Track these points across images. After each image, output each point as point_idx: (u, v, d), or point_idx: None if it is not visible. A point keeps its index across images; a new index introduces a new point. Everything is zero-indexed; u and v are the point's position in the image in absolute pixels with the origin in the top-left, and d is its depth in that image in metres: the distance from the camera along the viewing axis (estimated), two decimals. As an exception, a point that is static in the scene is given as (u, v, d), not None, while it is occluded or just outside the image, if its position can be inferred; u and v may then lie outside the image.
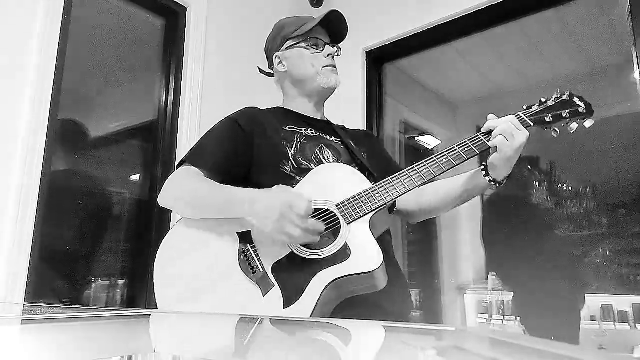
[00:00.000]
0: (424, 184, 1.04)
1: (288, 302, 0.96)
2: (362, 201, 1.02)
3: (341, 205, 1.02)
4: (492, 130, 1.05)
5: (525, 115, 1.08)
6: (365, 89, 2.53)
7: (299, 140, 1.19)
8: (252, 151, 1.16)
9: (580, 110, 1.09)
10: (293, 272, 0.99)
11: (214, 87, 2.23)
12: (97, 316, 0.88)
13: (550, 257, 2.56)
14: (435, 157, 1.05)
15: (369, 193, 1.03)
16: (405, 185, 1.03)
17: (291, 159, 1.14)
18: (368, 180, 1.06)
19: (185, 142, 2.11)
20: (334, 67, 1.27)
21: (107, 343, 0.55)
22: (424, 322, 3.05)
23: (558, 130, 1.09)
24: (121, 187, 2.18)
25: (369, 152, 1.30)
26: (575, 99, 1.10)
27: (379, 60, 2.62)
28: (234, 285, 1.02)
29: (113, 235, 2.11)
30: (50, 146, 1.72)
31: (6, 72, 1.65)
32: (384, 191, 1.03)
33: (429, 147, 3.25)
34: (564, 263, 2.57)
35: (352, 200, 1.02)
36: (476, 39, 2.48)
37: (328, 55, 1.26)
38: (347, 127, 1.39)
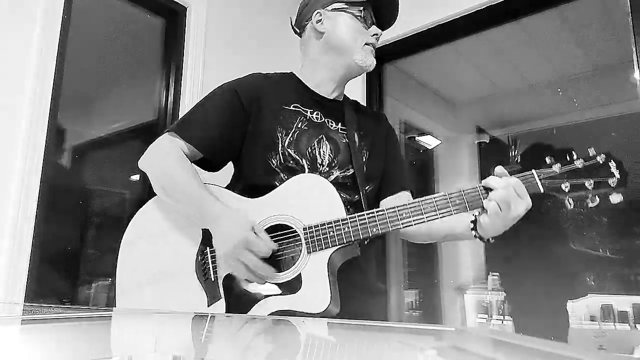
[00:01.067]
0: (399, 229, 0.94)
1: None
2: (329, 232, 0.94)
3: (308, 231, 0.95)
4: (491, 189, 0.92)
5: (539, 176, 0.92)
6: (365, 89, 2.53)
7: (299, 126, 1.10)
8: (246, 130, 1.09)
9: (611, 181, 0.89)
10: (242, 289, 0.96)
11: (214, 87, 2.23)
12: (97, 316, 0.88)
13: (549, 257, 2.56)
14: (421, 202, 0.94)
15: (339, 225, 0.94)
16: (379, 228, 0.94)
17: (280, 152, 1.07)
18: (344, 208, 0.96)
19: (185, 142, 2.11)
20: (374, 48, 1.19)
21: (106, 343, 0.55)
22: (424, 322, 3.05)
23: (572, 203, 0.91)
24: (121, 187, 2.18)
25: (372, 148, 1.20)
26: (611, 165, 0.90)
27: (379, 60, 2.60)
28: (184, 286, 1.01)
29: (113, 235, 2.10)
30: (50, 146, 1.71)
31: (6, 72, 1.65)
32: (354, 228, 0.94)
33: (429, 147, 3.25)
34: (564, 263, 2.57)
35: (319, 228, 0.95)
36: (476, 39, 2.48)
37: (373, 35, 1.17)
38: (363, 107, 1.29)
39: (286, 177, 1.05)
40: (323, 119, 1.14)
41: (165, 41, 2.25)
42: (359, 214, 0.95)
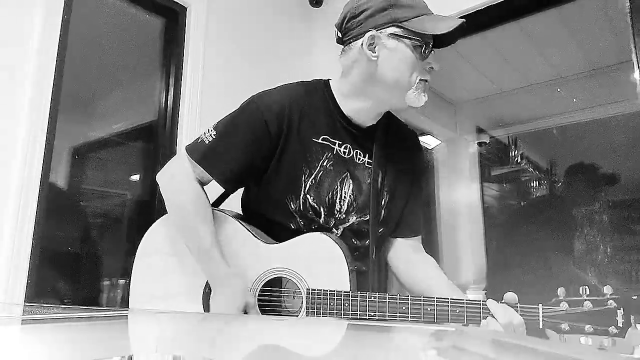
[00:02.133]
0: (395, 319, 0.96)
1: None
2: (330, 303, 0.96)
3: (311, 295, 0.97)
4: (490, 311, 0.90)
5: (544, 313, 0.89)
6: (365, 89, 2.52)
7: (324, 164, 1.07)
8: (271, 158, 1.06)
9: (612, 330, 0.85)
10: None
11: (214, 87, 2.23)
12: (97, 316, 0.88)
13: (550, 256, 2.56)
14: (424, 301, 0.93)
15: (341, 299, 0.96)
16: (377, 315, 0.94)
17: (300, 199, 1.06)
18: (348, 281, 0.97)
19: (186, 143, 2.11)
20: (427, 82, 1.04)
21: (107, 343, 0.55)
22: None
23: (566, 339, 0.88)
24: (121, 188, 2.18)
25: (396, 188, 1.15)
26: (619, 312, 0.85)
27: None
28: (192, 309, 1.05)
29: (113, 236, 2.11)
30: (50, 146, 1.71)
31: (6, 72, 1.65)
32: (354, 307, 0.95)
33: (429, 147, 3.25)
34: (564, 262, 2.57)
35: (322, 295, 0.97)
36: (476, 39, 2.48)
37: (430, 68, 1.03)
38: (396, 125, 1.20)
39: (302, 222, 1.07)
40: (351, 153, 1.09)
41: (165, 41, 2.25)
42: (361, 293, 0.95)
